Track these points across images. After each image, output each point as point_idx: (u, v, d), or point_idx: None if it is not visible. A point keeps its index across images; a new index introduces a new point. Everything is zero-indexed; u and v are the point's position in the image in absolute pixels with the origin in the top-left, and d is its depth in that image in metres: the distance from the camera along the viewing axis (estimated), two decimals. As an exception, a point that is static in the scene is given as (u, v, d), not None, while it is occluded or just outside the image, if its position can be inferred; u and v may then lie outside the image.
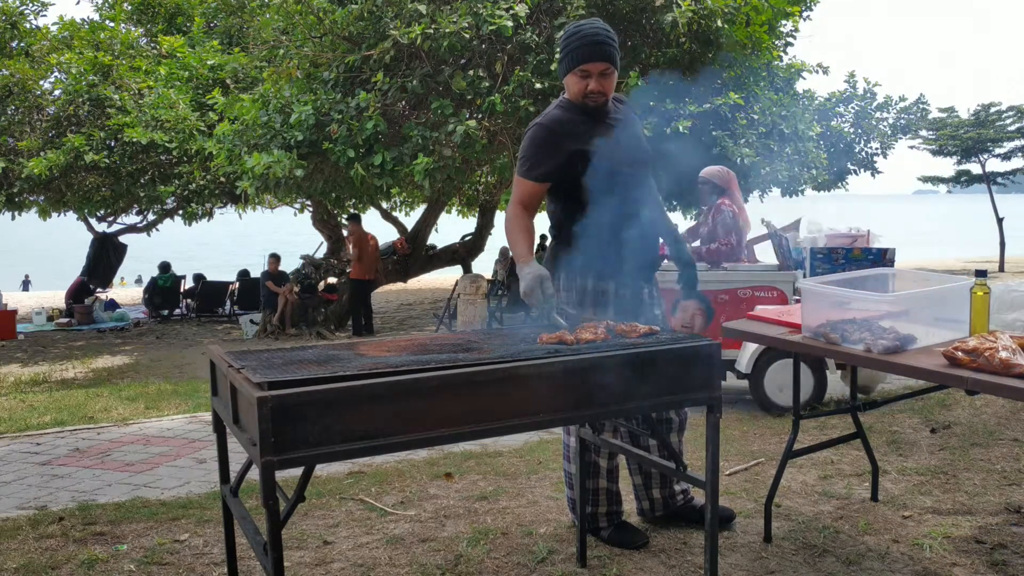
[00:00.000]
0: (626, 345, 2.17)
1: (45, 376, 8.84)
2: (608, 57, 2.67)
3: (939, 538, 2.90)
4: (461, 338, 2.67)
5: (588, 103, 2.72)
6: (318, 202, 12.09)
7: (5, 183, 11.48)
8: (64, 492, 3.85)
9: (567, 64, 2.72)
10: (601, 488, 2.97)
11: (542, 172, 2.71)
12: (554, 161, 2.69)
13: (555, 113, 2.76)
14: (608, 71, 2.69)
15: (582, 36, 2.68)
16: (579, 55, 2.68)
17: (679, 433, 3.02)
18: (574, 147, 2.68)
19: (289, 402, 1.72)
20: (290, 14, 8.20)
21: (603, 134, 2.72)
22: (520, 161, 2.78)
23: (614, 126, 2.78)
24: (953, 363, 2.20)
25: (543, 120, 2.75)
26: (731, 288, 5.03)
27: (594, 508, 2.97)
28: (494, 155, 8.24)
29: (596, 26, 2.71)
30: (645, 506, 3.12)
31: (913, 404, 4.70)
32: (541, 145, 2.71)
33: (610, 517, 2.99)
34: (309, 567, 2.83)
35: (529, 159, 2.73)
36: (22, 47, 11.82)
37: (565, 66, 2.74)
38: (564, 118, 2.73)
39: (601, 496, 2.97)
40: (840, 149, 15.23)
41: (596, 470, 2.96)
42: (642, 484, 3.10)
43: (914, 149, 20.25)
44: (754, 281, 5.04)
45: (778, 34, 9.76)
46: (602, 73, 2.68)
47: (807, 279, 2.78)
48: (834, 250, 4.75)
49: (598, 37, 2.67)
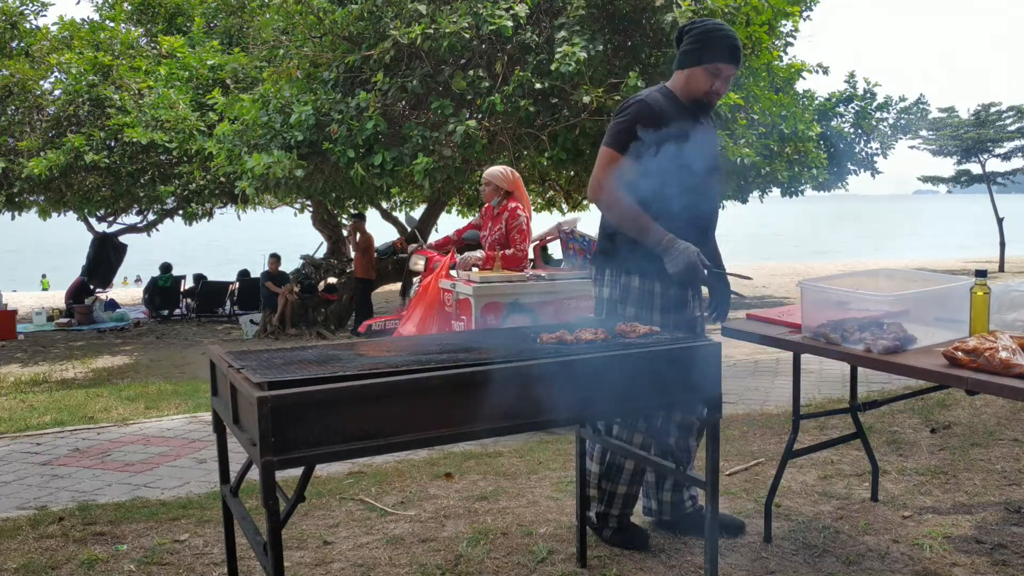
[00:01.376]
0: (626, 345, 2.17)
1: (45, 376, 8.85)
2: (740, 65, 2.74)
3: (939, 538, 2.90)
4: (461, 338, 2.67)
5: (704, 100, 2.73)
6: (318, 202, 12.09)
7: (5, 183, 11.48)
8: (64, 492, 3.85)
9: (702, 57, 2.69)
10: (619, 492, 2.91)
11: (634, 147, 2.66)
12: (647, 139, 2.65)
13: (658, 96, 2.75)
14: (732, 78, 2.74)
15: (727, 36, 2.68)
16: (722, 54, 2.67)
17: (696, 438, 2.98)
18: (668, 133, 2.65)
19: (289, 402, 1.72)
20: (290, 14, 8.20)
21: (696, 131, 2.73)
22: (612, 132, 2.73)
23: (706, 128, 2.81)
24: (953, 363, 2.20)
25: (647, 98, 2.73)
26: (558, 299, 4.75)
27: (607, 509, 2.92)
28: (494, 155, 8.23)
29: (733, 31, 2.73)
30: (653, 506, 3.08)
31: (913, 404, 4.70)
32: (641, 120, 2.66)
33: (620, 519, 2.94)
34: (309, 567, 2.83)
35: (624, 132, 2.68)
36: (22, 47, 11.82)
37: (697, 58, 2.70)
38: (665, 104, 2.72)
39: (617, 499, 2.92)
40: (840, 149, 15.24)
41: (618, 473, 2.90)
42: (654, 483, 3.06)
43: (914, 149, 20.27)
44: (577, 291, 4.80)
45: (778, 34, 9.75)
46: (728, 78, 2.71)
47: (806, 280, 2.78)
48: None
49: (739, 43, 2.70)
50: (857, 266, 18.23)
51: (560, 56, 7.13)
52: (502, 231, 5.01)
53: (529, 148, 8.19)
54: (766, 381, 6.11)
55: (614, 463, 2.89)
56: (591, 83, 7.26)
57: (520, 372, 1.96)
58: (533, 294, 4.68)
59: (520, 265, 4.98)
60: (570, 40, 7.22)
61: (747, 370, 6.60)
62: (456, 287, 4.83)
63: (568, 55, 7.04)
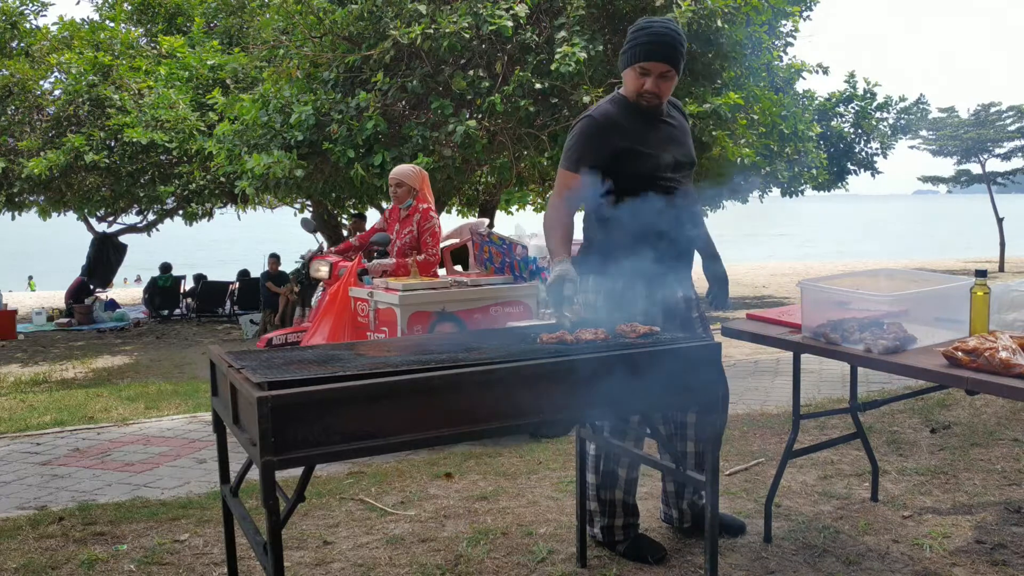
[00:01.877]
0: (626, 345, 2.17)
1: (45, 376, 8.85)
2: (671, 59, 2.59)
3: (939, 538, 2.90)
4: (461, 338, 2.67)
5: (641, 103, 2.66)
6: (318, 202, 12.10)
7: (5, 183, 11.49)
8: (64, 492, 3.85)
9: (628, 58, 2.64)
10: (617, 500, 2.86)
11: (587, 165, 2.62)
12: (599, 155, 2.62)
13: (606, 107, 2.69)
14: (668, 74, 2.61)
15: (649, 33, 2.59)
16: (642, 52, 2.59)
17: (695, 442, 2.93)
18: (621, 144, 2.62)
19: (289, 402, 1.72)
20: (290, 14, 8.20)
21: (652, 135, 2.67)
22: (565, 152, 2.70)
23: (664, 129, 2.72)
24: (953, 363, 2.20)
25: (593, 113, 2.68)
26: (485, 305, 4.56)
27: (610, 520, 2.87)
28: (494, 155, 8.23)
29: (667, 26, 2.62)
30: (674, 515, 3.03)
31: (913, 404, 4.70)
32: (589, 138, 2.63)
33: (626, 530, 2.88)
34: (309, 567, 2.83)
35: (575, 151, 2.65)
36: (22, 47, 11.83)
37: (626, 59, 2.65)
38: (614, 113, 2.66)
39: (617, 508, 2.86)
40: (840, 149, 15.26)
41: (614, 481, 2.85)
42: (674, 492, 3.00)
43: (914, 149, 20.29)
44: (504, 297, 4.64)
45: (778, 34, 9.77)
46: (661, 75, 2.61)
47: (806, 280, 2.78)
48: None
49: (666, 37, 2.58)
50: (857, 266, 18.24)
51: (560, 56, 7.14)
52: (413, 234, 4.72)
53: (529, 148, 8.20)
54: (766, 381, 6.11)
55: (608, 470, 2.84)
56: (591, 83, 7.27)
57: (520, 372, 1.96)
58: (461, 301, 4.46)
59: (432, 271, 4.76)
60: (570, 40, 7.22)
61: (747, 370, 6.60)
62: (374, 295, 4.57)
63: (568, 55, 7.04)
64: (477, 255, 5.03)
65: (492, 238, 4.86)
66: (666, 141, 2.70)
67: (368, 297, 4.64)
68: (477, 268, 4.85)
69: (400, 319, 4.30)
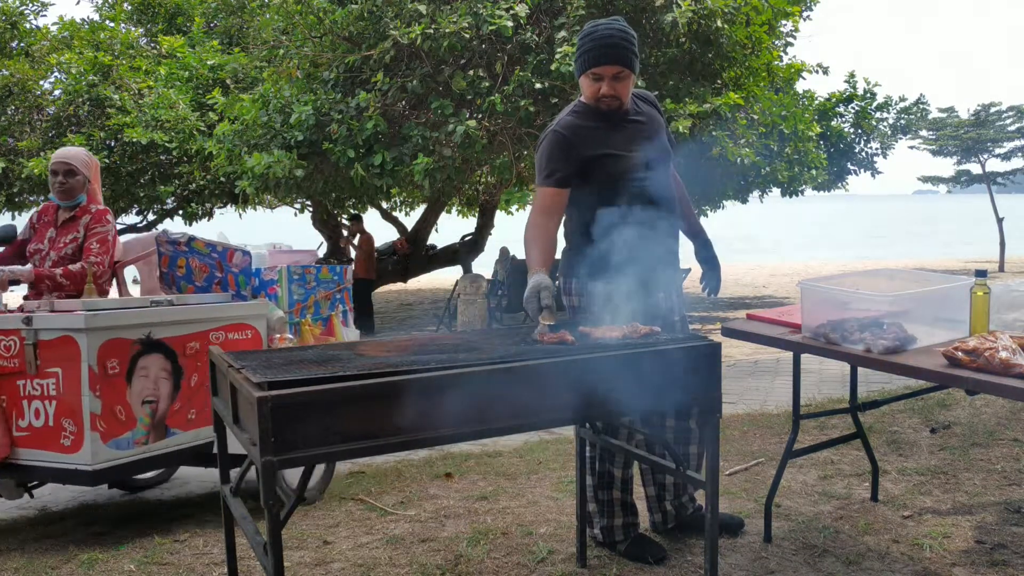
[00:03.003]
0: (626, 345, 2.17)
1: (45, 376, 8.83)
2: (621, 60, 2.59)
3: (939, 538, 2.90)
4: (461, 338, 2.67)
5: (601, 107, 2.66)
6: (318, 202, 12.10)
7: (5, 183, 11.49)
8: (64, 492, 3.85)
9: (580, 65, 2.65)
10: (615, 499, 2.88)
11: (559, 178, 2.63)
12: (570, 167, 2.63)
13: (568, 119, 2.69)
14: (622, 74, 2.61)
15: (596, 37, 2.59)
16: (591, 57, 2.59)
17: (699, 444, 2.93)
18: (589, 152, 2.63)
19: (289, 402, 1.72)
20: (290, 14, 8.21)
21: (619, 137, 2.67)
22: (537, 170, 2.72)
23: (631, 127, 2.71)
24: (953, 363, 2.20)
25: (556, 126, 2.68)
26: (203, 330, 3.40)
27: (609, 521, 2.88)
28: (494, 155, 8.24)
29: (612, 27, 2.61)
30: (657, 519, 3.04)
31: (913, 404, 4.70)
32: (556, 151, 2.65)
33: (626, 530, 2.89)
34: (309, 567, 2.83)
35: (545, 167, 2.66)
36: (22, 47, 11.82)
37: (578, 67, 2.67)
38: (578, 123, 2.67)
39: (616, 507, 2.88)
40: (840, 149, 15.25)
41: (610, 480, 2.86)
42: (655, 496, 3.02)
43: (914, 149, 20.26)
44: (226, 319, 3.48)
45: (778, 34, 9.76)
46: (615, 76, 2.60)
47: (806, 280, 2.78)
48: (307, 269, 4.07)
49: (612, 39, 2.57)
50: (857, 266, 18.24)
51: (560, 56, 7.14)
52: (78, 242, 3.51)
53: (529, 148, 8.20)
54: (766, 381, 6.12)
55: (604, 471, 2.85)
56: (591, 83, 7.26)
57: (520, 372, 1.96)
58: (173, 324, 3.29)
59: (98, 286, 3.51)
60: (570, 40, 7.22)
61: (747, 370, 6.61)
62: (35, 321, 3.02)
63: (568, 55, 7.04)
64: (166, 272, 3.75)
65: (195, 246, 3.70)
66: (635, 139, 2.70)
67: (16, 327, 3.05)
68: (163, 288, 3.69)
69: (86, 352, 2.98)
